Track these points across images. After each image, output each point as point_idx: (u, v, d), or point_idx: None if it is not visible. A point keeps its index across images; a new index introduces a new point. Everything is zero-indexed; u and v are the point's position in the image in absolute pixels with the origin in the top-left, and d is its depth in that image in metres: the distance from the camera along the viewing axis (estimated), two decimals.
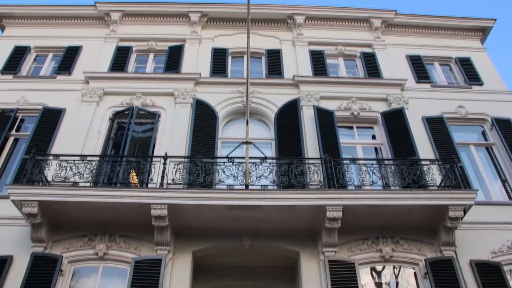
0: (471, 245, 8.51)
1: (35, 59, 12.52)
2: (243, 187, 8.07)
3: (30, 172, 8.04)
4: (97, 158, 8.73)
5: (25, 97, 10.89)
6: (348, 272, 7.84)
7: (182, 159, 8.56)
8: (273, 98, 11.12)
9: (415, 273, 8.29)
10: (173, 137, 10.07)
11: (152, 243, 8.02)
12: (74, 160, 8.34)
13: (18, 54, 12.16)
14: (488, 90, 11.88)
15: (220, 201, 7.70)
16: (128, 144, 9.62)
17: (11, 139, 10.33)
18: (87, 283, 8.04)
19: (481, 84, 12.06)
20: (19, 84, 11.38)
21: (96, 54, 12.29)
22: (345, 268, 7.87)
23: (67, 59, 12.07)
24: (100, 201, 7.79)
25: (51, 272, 7.67)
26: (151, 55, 12.70)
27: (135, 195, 7.78)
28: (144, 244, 8.13)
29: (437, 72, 12.75)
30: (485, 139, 10.98)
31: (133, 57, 12.52)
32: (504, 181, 10.02)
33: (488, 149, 10.77)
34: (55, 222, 8.22)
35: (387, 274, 8.37)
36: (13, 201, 7.77)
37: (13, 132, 10.46)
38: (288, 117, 10.49)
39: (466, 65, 12.60)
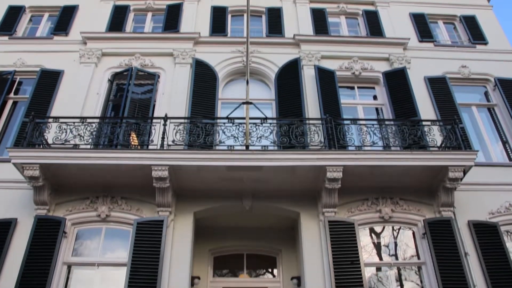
0: (470, 206, 8.59)
1: (30, 20, 12.25)
2: (244, 147, 8.05)
3: (30, 135, 8.01)
4: (97, 120, 8.68)
5: (22, 59, 10.74)
6: (348, 232, 7.93)
7: (182, 120, 8.52)
8: (273, 58, 10.96)
9: (413, 233, 8.40)
10: (172, 98, 10.00)
11: (154, 205, 8.10)
12: (74, 123, 8.31)
13: (13, 14, 11.90)
14: (493, 50, 11.67)
15: (220, 162, 7.70)
16: (128, 105, 9.56)
17: (9, 102, 10.25)
18: (90, 245, 8.17)
19: (486, 44, 11.83)
20: (15, 45, 11.19)
21: (93, 13, 12.04)
22: (345, 228, 7.97)
23: (63, 19, 11.82)
24: (101, 163, 7.78)
25: (55, 234, 7.78)
26: (149, 14, 12.44)
27: (135, 156, 7.78)
28: (146, 205, 8.21)
29: (441, 31, 12.50)
30: (488, 100, 10.88)
31: (130, 16, 12.27)
32: (505, 143, 9.99)
33: (490, 110, 10.69)
34: (57, 184, 8.28)
35: (386, 235, 8.49)
36: (14, 164, 7.78)
37: (11, 95, 10.36)
38: (288, 77, 10.37)
39: (470, 24, 12.33)
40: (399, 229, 8.50)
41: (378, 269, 8.20)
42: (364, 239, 8.27)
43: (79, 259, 8.00)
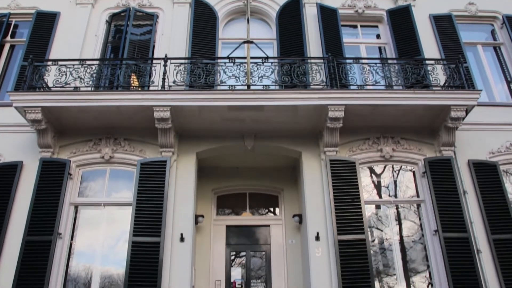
0: (470, 146, 8.64)
1: None
2: (245, 87, 7.99)
3: (30, 79, 7.95)
4: (97, 62, 8.56)
5: (16, 0, 10.45)
6: (349, 171, 8.02)
7: (182, 61, 8.40)
8: None
9: (414, 172, 8.50)
10: (172, 38, 9.81)
11: (157, 146, 8.16)
12: (73, 65, 8.22)
13: None
14: None
15: (222, 102, 7.66)
16: (127, 47, 9.42)
17: (7, 46, 10.08)
18: (96, 186, 8.32)
19: None
20: None
21: None
22: (346, 167, 8.05)
23: None
24: (102, 105, 7.76)
25: (60, 176, 7.91)
26: None
27: (137, 98, 7.74)
28: (149, 146, 8.28)
29: None
30: (494, 38, 10.61)
31: None
32: (509, 82, 9.87)
33: (496, 49, 10.46)
34: (60, 127, 8.32)
35: (387, 176, 8.59)
36: (16, 108, 7.77)
37: (8, 38, 10.16)
38: (290, 16, 10.08)
39: None
40: (399, 169, 8.59)
41: (378, 207, 8.37)
42: (364, 180, 8.37)
43: (86, 199, 8.19)
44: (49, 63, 8.39)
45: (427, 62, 8.67)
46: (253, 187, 9.73)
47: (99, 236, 7.92)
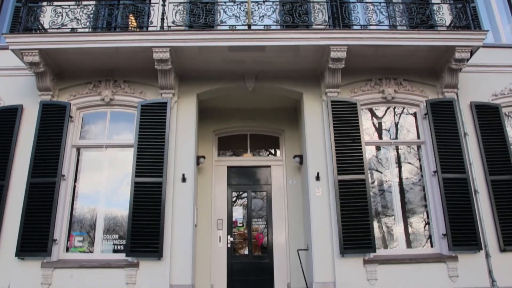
0: (473, 88, 8.60)
1: None
2: (246, 27, 7.81)
3: (25, 20, 7.77)
4: (93, 2, 8.34)
5: None
6: (350, 112, 8.00)
7: (181, 0, 8.18)
8: None
9: (415, 114, 8.48)
10: None
11: (157, 87, 8.11)
12: (69, 5, 8.01)
13: None
14: None
15: (222, 42, 7.51)
16: None
17: None
18: (97, 128, 8.34)
19: None
20: None
21: None
22: (347, 109, 8.02)
23: None
24: (101, 46, 7.60)
25: (61, 119, 7.92)
26: None
27: (136, 39, 7.57)
28: (149, 88, 8.21)
29: None
30: None
31: None
32: None
33: None
34: (59, 70, 8.23)
35: (388, 117, 8.57)
36: (13, 50, 7.64)
37: None
38: None
39: None
40: (401, 112, 8.55)
41: (378, 149, 8.41)
42: (366, 123, 8.36)
43: (87, 141, 8.22)
44: (44, 3, 8.16)
45: (433, 1, 8.44)
46: (254, 128, 9.77)
47: (102, 178, 8.03)
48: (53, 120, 7.91)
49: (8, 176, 7.74)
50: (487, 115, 8.36)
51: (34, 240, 7.20)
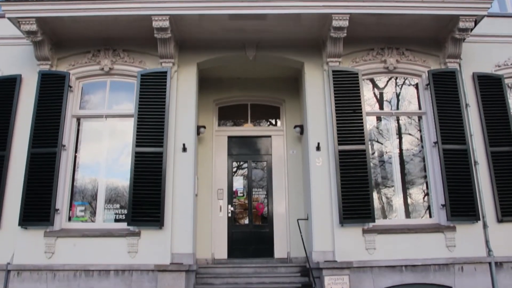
0: (476, 58, 8.53)
1: None
2: None
3: None
4: None
5: None
6: (351, 82, 7.95)
7: None
8: None
9: (417, 85, 8.43)
10: None
11: (157, 56, 8.01)
12: None
13: None
14: None
15: (223, 10, 7.38)
16: None
17: None
18: (97, 98, 8.30)
19: None
20: None
21: None
22: (349, 78, 7.97)
23: None
24: (99, 14, 7.48)
25: (60, 89, 7.87)
26: None
27: (135, 6, 7.43)
28: (149, 57, 8.13)
29: None
30: None
31: None
32: None
33: None
34: (57, 39, 8.12)
35: (390, 86, 8.51)
36: (9, 19, 7.53)
37: None
38: None
39: None
40: (402, 83, 8.50)
41: (379, 120, 8.40)
42: (367, 94, 8.32)
43: (87, 111, 8.20)
44: None
45: None
46: (255, 98, 9.73)
47: (102, 148, 8.05)
48: (53, 90, 7.86)
49: (9, 147, 7.75)
50: (489, 86, 8.31)
51: (37, 210, 7.28)
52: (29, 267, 7.12)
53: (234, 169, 9.56)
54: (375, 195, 7.85)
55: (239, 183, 9.44)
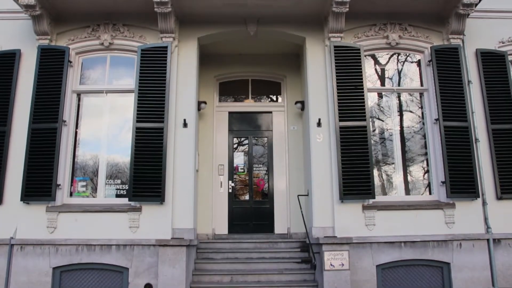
0: (480, 35, 8.43)
1: None
2: None
3: None
4: None
5: None
6: (353, 57, 7.88)
7: None
8: None
9: (419, 62, 8.35)
10: None
11: (157, 31, 7.93)
12: None
13: None
14: None
15: None
16: None
17: None
18: (97, 73, 8.24)
19: None
20: None
21: None
22: (350, 54, 7.89)
23: None
24: None
25: (60, 64, 7.80)
26: None
27: None
28: (149, 32, 8.04)
29: None
30: None
31: None
32: None
33: None
34: (56, 13, 8.03)
35: (391, 62, 8.44)
36: None
37: None
38: None
39: None
40: (404, 60, 8.43)
41: (380, 97, 8.35)
42: (369, 70, 8.27)
43: (87, 87, 8.16)
44: None
45: None
46: (256, 74, 9.68)
47: (103, 123, 8.03)
48: (52, 65, 7.80)
49: (10, 122, 7.73)
50: (492, 62, 8.23)
51: (38, 185, 7.31)
52: (32, 241, 7.20)
53: (235, 145, 9.56)
54: (375, 171, 7.88)
55: (239, 159, 9.46)
